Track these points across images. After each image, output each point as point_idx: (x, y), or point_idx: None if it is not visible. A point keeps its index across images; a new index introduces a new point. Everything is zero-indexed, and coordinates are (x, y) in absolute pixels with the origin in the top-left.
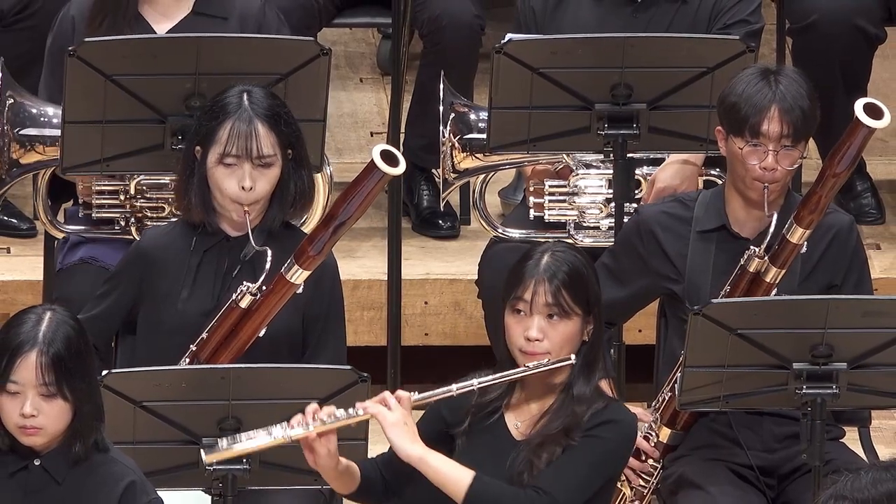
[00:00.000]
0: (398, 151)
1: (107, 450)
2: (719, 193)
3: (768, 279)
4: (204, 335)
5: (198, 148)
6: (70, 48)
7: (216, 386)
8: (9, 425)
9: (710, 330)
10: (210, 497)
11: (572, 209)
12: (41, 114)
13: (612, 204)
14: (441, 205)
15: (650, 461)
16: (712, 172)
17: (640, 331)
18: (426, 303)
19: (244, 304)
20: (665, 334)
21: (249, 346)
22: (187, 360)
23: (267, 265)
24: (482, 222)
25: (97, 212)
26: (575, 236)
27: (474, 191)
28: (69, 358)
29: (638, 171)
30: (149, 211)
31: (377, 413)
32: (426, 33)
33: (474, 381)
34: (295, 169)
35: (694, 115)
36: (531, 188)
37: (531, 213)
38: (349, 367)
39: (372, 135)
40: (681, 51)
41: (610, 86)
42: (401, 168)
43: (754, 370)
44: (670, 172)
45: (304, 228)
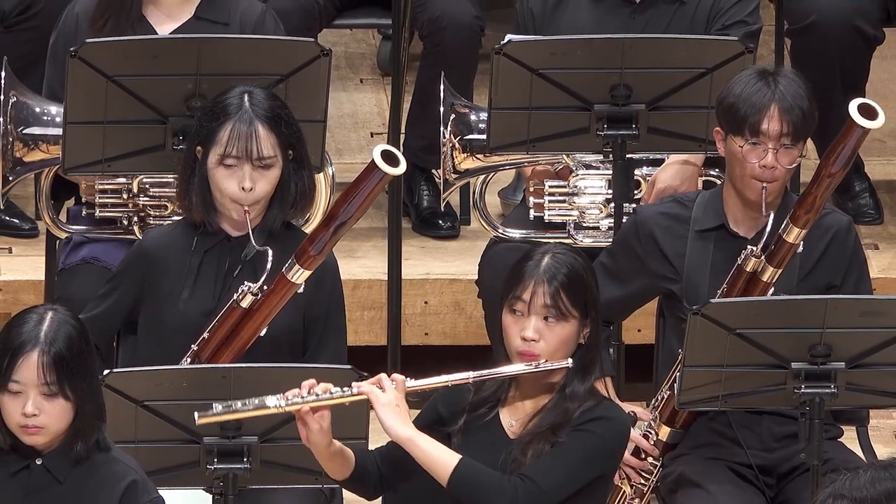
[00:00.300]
0: (398, 152)
1: (108, 449)
2: (717, 193)
3: (765, 279)
4: (205, 335)
5: (199, 148)
6: (72, 49)
7: (217, 385)
8: (10, 425)
9: (709, 329)
10: (211, 496)
11: (572, 209)
12: (44, 112)
13: (612, 204)
14: (441, 205)
15: (650, 459)
16: (712, 173)
17: (640, 330)
18: (426, 303)
19: (245, 304)
20: (663, 333)
21: (250, 346)
22: (189, 360)
23: (268, 265)
24: (482, 222)
25: (100, 211)
26: (574, 236)
27: (474, 191)
28: (71, 357)
29: (637, 172)
30: (151, 209)
31: (370, 392)
32: (426, 34)
33: (470, 374)
34: (295, 170)
35: (693, 116)
36: (531, 188)
37: (531, 214)
38: (349, 367)
39: (372, 135)
40: (680, 52)
41: (609, 86)
42: (401, 168)
43: (753, 370)
44: (670, 173)
45: (306, 229)
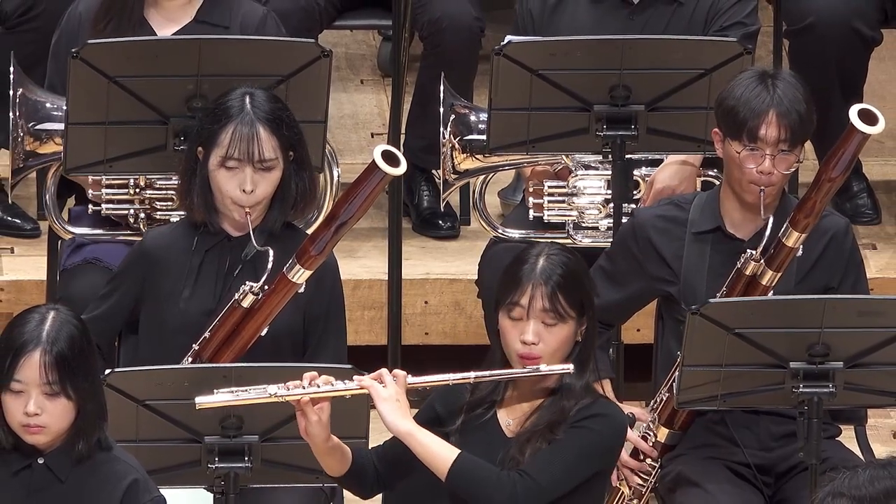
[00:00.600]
0: (399, 152)
1: (110, 448)
2: (714, 195)
3: (764, 282)
4: (206, 334)
5: (200, 149)
6: (73, 50)
7: (218, 384)
8: (13, 424)
9: (708, 329)
10: (212, 495)
11: (571, 210)
12: (54, 107)
13: (611, 204)
14: (441, 205)
15: (648, 461)
16: (710, 173)
17: (639, 330)
18: (426, 302)
19: (246, 304)
20: (662, 335)
21: (251, 346)
22: (190, 360)
23: (269, 265)
24: (482, 222)
25: (107, 207)
26: (574, 237)
27: (474, 191)
28: (72, 357)
29: (636, 172)
30: (158, 202)
31: (371, 387)
32: (426, 35)
33: (471, 374)
34: (296, 171)
35: (691, 117)
36: (530, 189)
37: (530, 214)
38: (350, 366)
39: (372, 136)
40: (678, 53)
41: (608, 87)
42: (402, 168)
43: (751, 369)
44: (669, 173)
45: (308, 230)
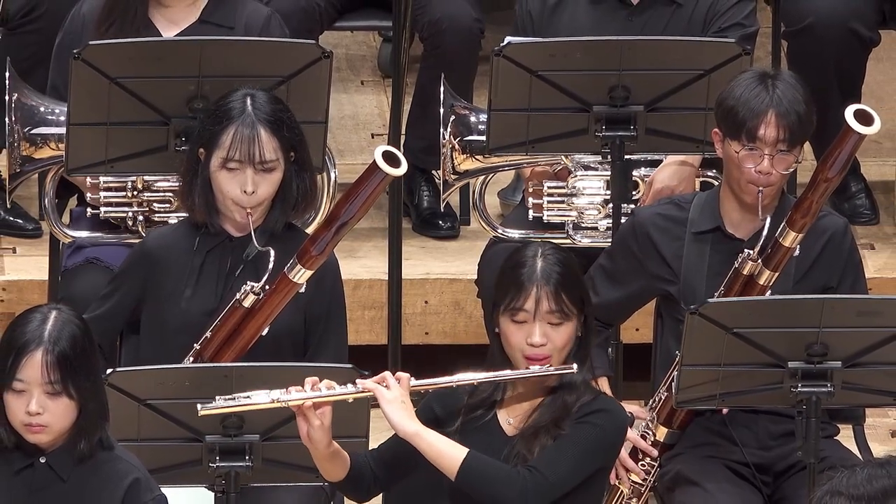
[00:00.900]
0: (399, 153)
1: (111, 447)
2: (714, 195)
3: (762, 282)
4: (208, 334)
5: (201, 150)
6: (75, 51)
7: (219, 384)
8: (14, 423)
9: (707, 329)
10: (213, 494)
11: (571, 210)
12: (50, 112)
13: (610, 205)
14: (441, 205)
15: (647, 459)
16: (709, 174)
17: (638, 329)
18: (426, 302)
19: (247, 304)
20: (661, 335)
21: (252, 346)
22: (191, 359)
23: (270, 265)
24: (482, 223)
25: (105, 211)
26: (573, 237)
27: (474, 192)
28: (74, 357)
29: (635, 173)
30: (157, 205)
31: (375, 389)
32: (426, 36)
33: (476, 376)
34: (297, 172)
35: (690, 117)
36: (530, 189)
37: (530, 214)
38: (350, 366)
39: (373, 136)
40: (677, 54)
41: (608, 88)
42: (402, 169)
43: (750, 369)
44: (668, 173)
45: (309, 230)
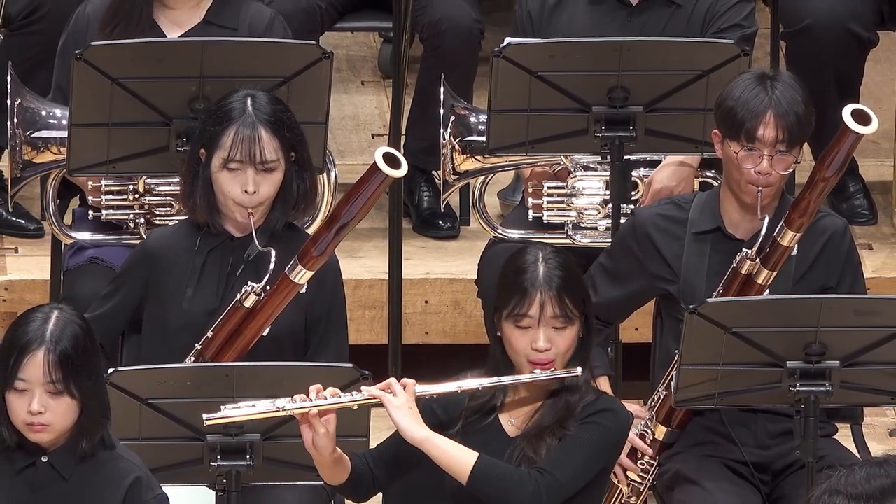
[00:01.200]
0: (400, 154)
1: (113, 446)
2: (714, 195)
3: (760, 281)
4: (209, 334)
5: (202, 151)
6: (77, 51)
7: (220, 383)
8: (16, 422)
9: (706, 329)
10: (214, 493)
11: (570, 210)
12: (51, 115)
13: (610, 205)
14: (441, 206)
15: (646, 458)
16: (708, 174)
17: (637, 329)
18: (426, 302)
19: (248, 304)
20: (660, 334)
21: (253, 345)
22: (193, 359)
23: (271, 265)
24: (482, 223)
25: (106, 213)
26: (573, 237)
27: (474, 192)
28: (76, 356)
29: (635, 173)
30: (157, 208)
31: (382, 396)
32: (426, 37)
33: (481, 382)
34: (298, 172)
35: (689, 118)
36: (530, 189)
37: (530, 214)
38: (350, 365)
39: (373, 137)
40: (676, 54)
41: (607, 89)
42: (403, 170)
43: (749, 368)
44: (667, 174)
45: (309, 230)
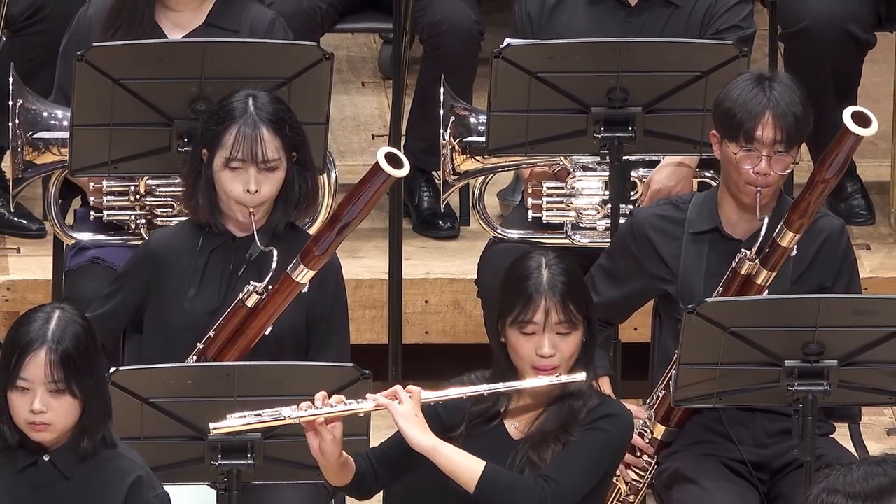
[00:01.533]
0: (402, 154)
1: (114, 445)
2: (712, 196)
3: (759, 281)
4: (211, 333)
5: (204, 151)
6: (79, 52)
7: (221, 382)
8: (18, 421)
9: (704, 328)
10: (215, 492)
11: (569, 210)
12: (52, 117)
13: (609, 205)
14: (441, 206)
15: (645, 457)
16: (706, 174)
17: (636, 329)
18: (426, 302)
19: (250, 303)
20: (659, 334)
21: (255, 345)
22: (194, 358)
23: (273, 265)
24: (481, 223)
25: (108, 214)
26: (572, 237)
27: (474, 192)
28: (78, 355)
29: (634, 173)
30: (159, 209)
31: (388, 405)
32: (427, 38)
33: (486, 387)
34: (299, 172)
35: (688, 119)
36: (529, 190)
37: (529, 214)
38: (351, 365)
39: (373, 137)
40: (675, 55)
41: (606, 89)
42: (405, 170)
43: (747, 367)
44: (665, 174)
45: (309, 230)
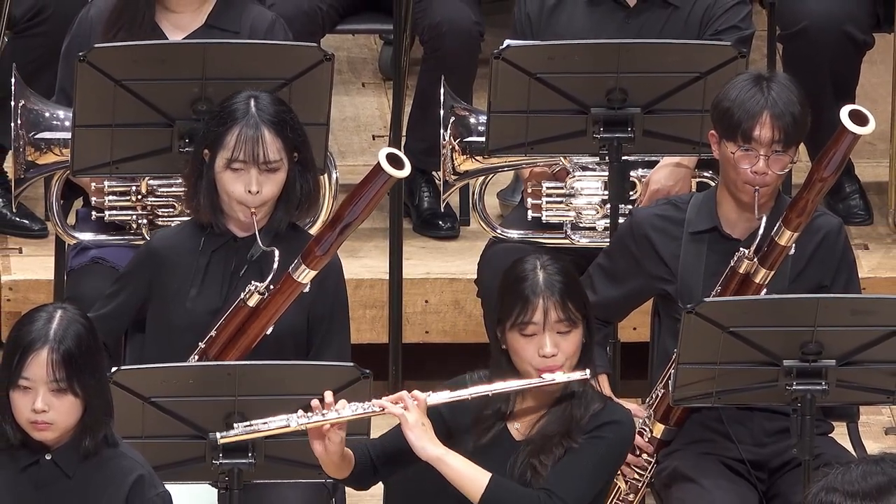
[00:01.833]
0: (403, 155)
1: (116, 444)
2: (711, 195)
3: (757, 280)
4: (212, 333)
5: (206, 151)
6: (80, 53)
7: (222, 382)
8: (20, 420)
9: (703, 328)
10: (217, 491)
11: (569, 210)
12: (54, 117)
13: (608, 205)
14: (441, 206)
15: (644, 456)
16: (705, 174)
17: (635, 328)
18: (426, 301)
19: (252, 303)
20: (658, 333)
21: (256, 345)
22: (196, 358)
23: (274, 265)
24: (481, 223)
25: (109, 214)
26: (571, 237)
27: (474, 192)
28: (79, 355)
29: (633, 174)
30: (160, 210)
31: (397, 413)
32: (427, 39)
33: (489, 388)
34: (301, 172)
35: (687, 119)
36: (529, 190)
37: (529, 214)
38: (351, 364)
39: (374, 138)
40: (674, 56)
41: (605, 90)
42: (406, 171)
43: (746, 367)
44: (664, 174)
45: (311, 231)
